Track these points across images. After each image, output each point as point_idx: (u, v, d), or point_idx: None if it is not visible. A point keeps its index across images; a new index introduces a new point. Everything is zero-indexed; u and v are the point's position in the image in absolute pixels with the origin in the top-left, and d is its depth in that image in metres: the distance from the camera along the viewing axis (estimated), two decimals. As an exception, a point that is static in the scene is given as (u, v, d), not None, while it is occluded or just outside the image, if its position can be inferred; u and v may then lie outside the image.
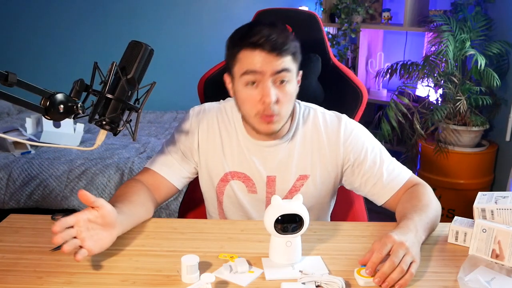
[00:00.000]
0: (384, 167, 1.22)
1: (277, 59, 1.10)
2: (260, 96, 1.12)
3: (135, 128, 1.02)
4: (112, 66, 0.96)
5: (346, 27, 3.17)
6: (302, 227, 0.97)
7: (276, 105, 1.12)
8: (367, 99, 1.49)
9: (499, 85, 2.55)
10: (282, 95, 1.13)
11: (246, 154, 1.25)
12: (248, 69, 1.11)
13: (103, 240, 0.98)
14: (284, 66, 1.11)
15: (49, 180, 2.39)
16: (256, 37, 1.09)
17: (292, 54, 1.13)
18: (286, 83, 1.13)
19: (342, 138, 1.24)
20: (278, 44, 1.09)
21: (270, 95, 1.10)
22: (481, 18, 2.73)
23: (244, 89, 1.14)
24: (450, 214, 2.72)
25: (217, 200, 1.32)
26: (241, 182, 1.27)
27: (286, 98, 1.14)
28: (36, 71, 3.78)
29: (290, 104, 1.16)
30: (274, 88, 1.12)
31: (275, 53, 1.09)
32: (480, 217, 1.07)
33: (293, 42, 1.13)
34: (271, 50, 1.09)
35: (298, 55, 1.16)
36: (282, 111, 1.14)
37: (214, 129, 1.27)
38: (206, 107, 1.31)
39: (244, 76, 1.12)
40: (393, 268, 0.89)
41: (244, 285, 0.92)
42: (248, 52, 1.11)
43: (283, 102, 1.14)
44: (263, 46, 1.09)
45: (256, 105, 1.13)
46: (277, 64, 1.10)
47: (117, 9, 3.76)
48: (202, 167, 1.29)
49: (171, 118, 3.54)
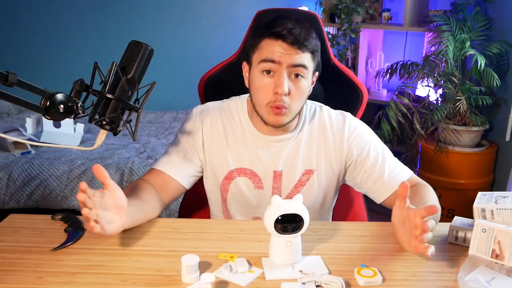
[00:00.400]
0: (386, 165, 1.24)
1: (297, 52, 1.13)
2: (274, 86, 1.14)
3: (135, 128, 1.02)
4: (112, 66, 0.96)
5: (346, 27, 3.17)
6: (302, 227, 0.97)
7: (287, 97, 1.15)
8: (367, 99, 1.49)
9: (499, 85, 2.55)
10: (295, 89, 1.15)
11: (253, 149, 1.26)
12: (267, 57, 1.14)
13: (115, 223, 0.99)
14: (302, 62, 1.14)
15: (49, 180, 2.39)
16: (280, 27, 1.12)
17: (312, 52, 1.15)
18: (301, 78, 1.16)
19: (346, 135, 1.26)
20: (300, 39, 1.12)
21: (283, 86, 1.13)
22: (481, 18, 2.73)
23: (259, 76, 1.17)
24: (450, 214, 2.72)
25: (221, 198, 1.32)
26: (247, 179, 1.27)
27: (298, 93, 1.16)
28: (36, 71, 3.78)
29: (301, 100, 1.18)
30: (288, 80, 1.14)
31: (296, 46, 1.12)
32: (480, 217, 1.07)
33: (314, 40, 1.16)
34: (293, 43, 1.12)
35: (317, 55, 1.18)
36: (292, 105, 1.17)
37: (218, 127, 1.28)
38: (209, 106, 1.32)
39: (261, 64, 1.15)
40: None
41: (244, 285, 0.92)
42: (270, 41, 1.14)
43: (294, 96, 1.16)
44: (285, 37, 1.12)
45: (268, 94, 1.16)
46: (296, 58, 1.13)
47: (117, 9, 3.76)
48: (207, 166, 1.30)
49: (171, 118, 3.54)
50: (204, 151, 1.29)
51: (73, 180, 2.40)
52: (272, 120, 1.19)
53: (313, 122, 1.29)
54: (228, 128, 1.28)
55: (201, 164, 1.30)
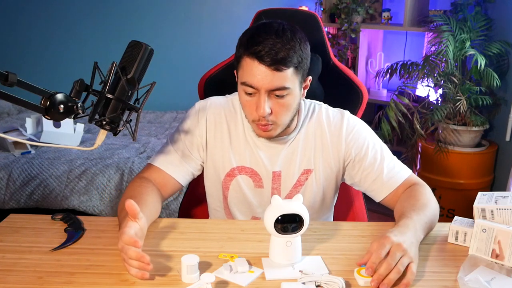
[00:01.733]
0: (384, 164, 1.23)
1: (275, 74, 1.09)
2: (256, 107, 1.13)
3: (135, 128, 1.02)
4: (112, 66, 0.96)
5: (346, 27, 3.17)
6: (302, 227, 0.97)
7: (271, 115, 1.14)
8: (367, 99, 1.49)
9: (499, 85, 2.55)
10: (278, 106, 1.14)
11: (253, 149, 1.26)
12: (246, 81, 1.12)
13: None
14: (281, 84, 1.10)
15: (49, 180, 2.39)
16: (258, 47, 1.08)
17: (295, 66, 1.11)
18: (284, 97, 1.13)
19: (344, 133, 1.25)
20: (278, 59, 1.07)
21: (264, 109, 1.11)
22: (481, 18, 2.73)
23: (243, 95, 1.16)
24: (450, 214, 2.72)
25: (222, 195, 1.32)
26: (248, 177, 1.27)
27: (282, 109, 1.14)
28: (36, 71, 3.78)
29: (287, 113, 1.16)
30: (269, 100, 1.12)
31: (273, 67, 1.08)
32: (480, 217, 1.07)
33: (298, 51, 1.11)
34: (271, 64, 1.08)
35: (303, 64, 1.14)
36: (278, 121, 1.16)
37: (222, 123, 1.28)
38: (212, 101, 1.31)
39: (242, 86, 1.14)
40: (389, 270, 0.90)
41: (244, 285, 0.92)
42: (249, 61, 1.10)
43: (279, 113, 1.14)
44: (263, 58, 1.08)
45: (252, 112, 1.15)
46: (274, 80, 1.09)
47: (117, 9, 3.76)
48: (208, 162, 1.29)
49: (171, 118, 3.54)
50: (207, 148, 1.28)
51: (73, 180, 2.40)
52: (261, 134, 1.20)
53: (311, 121, 1.28)
54: (232, 124, 1.28)
55: (201, 161, 1.30)
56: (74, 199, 2.37)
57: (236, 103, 1.30)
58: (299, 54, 1.11)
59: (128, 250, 0.91)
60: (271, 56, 1.07)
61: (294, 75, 1.12)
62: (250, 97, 1.14)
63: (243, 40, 1.13)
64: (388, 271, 0.90)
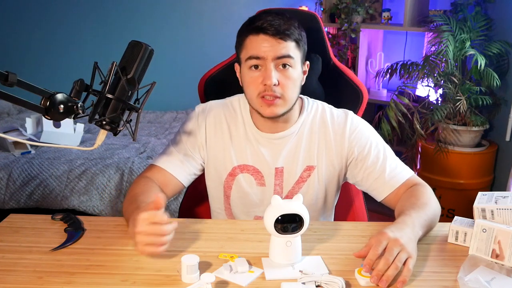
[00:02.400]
0: (387, 163, 1.24)
1: (279, 43, 1.15)
2: (262, 78, 1.16)
3: (135, 128, 1.02)
4: (112, 66, 0.96)
5: (346, 27, 3.17)
6: (302, 227, 0.97)
7: (278, 87, 1.16)
8: (367, 100, 1.49)
9: (499, 85, 2.55)
10: (284, 78, 1.17)
11: (255, 146, 1.27)
12: (252, 54, 1.17)
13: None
14: (286, 52, 1.16)
15: (49, 180, 2.39)
16: (260, 21, 1.15)
17: (296, 41, 1.17)
18: (288, 68, 1.17)
19: (347, 132, 1.27)
20: (281, 29, 1.14)
21: (271, 77, 1.15)
22: (481, 18, 2.73)
23: (248, 72, 1.19)
24: (450, 214, 2.72)
25: (224, 195, 1.32)
26: (249, 175, 1.28)
27: (288, 82, 1.17)
28: (36, 71, 3.78)
29: (293, 88, 1.19)
30: (276, 71, 1.16)
31: (278, 37, 1.14)
32: (480, 217, 1.07)
33: (297, 29, 1.18)
34: (274, 34, 1.14)
35: (302, 44, 1.20)
36: (285, 94, 1.18)
37: (222, 123, 1.29)
38: (212, 104, 1.33)
39: (248, 61, 1.18)
40: (387, 266, 0.90)
41: (244, 285, 0.92)
42: (253, 37, 1.17)
43: (285, 85, 1.17)
44: (266, 30, 1.14)
45: (258, 86, 1.17)
46: (279, 49, 1.15)
47: (118, 9, 3.76)
48: (210, 163, 1.30)
49: (171, 118, 3.54)
50: (207, 149, 1.29)
51: (73, 180, 2.40)
52: (266, 111, 1.20)
53: (315, 119, 1.29)
54: (231, 124, 1.29)
55: (202, 162, 1.31)
56: (74, 199, 2.37)
57: (235, 104, 1.31)
58: (298, 32, 1.19)
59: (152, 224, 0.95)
60: (274, 27, 1.15)
61: (296, 49, 1.18)
62: (257, 71, 1.17)
63: (244, 25, 1.21)
64: (386, 266, 0.90)
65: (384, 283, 0.89)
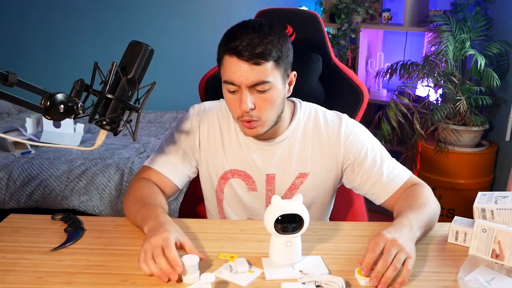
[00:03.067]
0: (384, 167, 1.22)
1: (253, 68, 1.08)
2: (239, 103, 1.13)
3: (135, 128, 1.02)
4: (113, 66, 0.96)
5: (346, 27, 3.17)
6: (302, 227, 0.97)
7: (254, 111, 1.13)
8: (368, 99, 1.49)
9: (499, 85, 2.55)
10: (261, 101, 1.13)
11: (246, 151, 1.26)
12: (227, 79, 1.12)
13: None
14: (262, 78, 1.10)
15: (49, 180, 2.39)
16: (235, 42, 1.08)
17: (275, 60, 1.10)
18: (266, 91, 1.12)
19: (342, 137, 1.24)
20: (255, 53, 1.07)
21: (246, 104, 1.11)
22: (481, 18, 2.73)
23: (226, 93, 1.16)
24: (450, 214, 2.72)
25: (216, 199, 1.32)
26: (241, 180, 1.27)
27: (265, 104, 1.13)
28: (36, 71, 3.78)
29: (272, 109, 1.15)
30: (251, 96, 1.12)
31: (252, 62, 1.08)
32: (480, 217, 1.07)
33: (277, 45, 1.10)
34: (248, 58, 1.08)
35: (283, 59, 1.13)
36: (262, 116, 1.14)
37: (215, 127, 1.28)
38: (206, 106, 1.31)
39: (225, 85, 1.14)
40: (386, 267, 0.90)
41: (244, 285, 0.92)
42: (228, 58, 1.11)
43: (262, 108, 1.13)
44: (241, 54, 1.08)
45: (237, 110, 1.15)
46: (254, 75, 1.09)
47: (118, 9, 3.76)
48: (203, 166, 1.30)
49: (171, 118, 3.54)
50: (200, 151, 1.28)
51: (73, 180, 2.40)
52: (247, 132, 1.19)
53: (308, 124, 1.26)
54: (224, 128, 1.28)
55: (196, 164, 1.30)
56: (74, 199, 2.37)
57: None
58: (278, 48, 1.11)
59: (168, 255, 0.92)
60: (249, 51, 1.07)
61: (274, 69, 1.11)
62: (233, 94, 1.14)
63: (222, 39, 1.13)
64: (385, 267, 0.90)
65: (383, 284, 0.89)
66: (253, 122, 1.15)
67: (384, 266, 0.90)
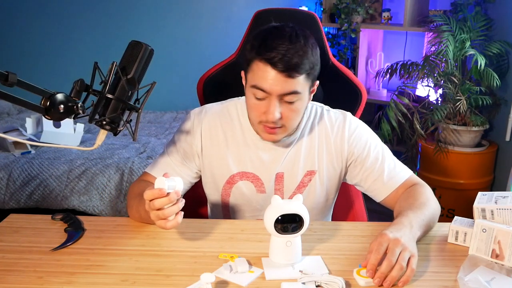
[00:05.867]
0: (385, 164, 1.24)
1: (287, 80, 1.08)
2: (265, 110, 1.12)
3: (135, 128, 1.02)
4: (112, 66, 0.96)
5: (346, 27, 3.17)
6: (302, 227, 0.97)
7: (281, 120, 1.13)
8: (366, 99, 1.49)
9: (499, 85, 2.55)
10: (288, 111, 1.13)
11: (255, 152, 1.26)
12: (257, 85, 1.11)
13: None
14: (293, 89, 1.10)
15: (49, 180, 2.39)
16: (272, 53, 1.07)
17: (307, 72, 1.11)
18: (295, 102, 1.13)
19: (347, 134, 1.26)
20: (291, 65, 1.07)
21: (274, 114, 1.11)
22: (481, 18, 2.73)
23: (251, 97, 1.15)
24: (450, 214, 2.72)
25: (222, 203, 1.31)
26: (249, 182, 1.27)
27: (292, 114, 1.14)
28: (36, 71, 3.77)
29: (296, 118, 1.17)
30: (279, 105, 1.12)
31: (286, 73, 1.08)
32: (480, 217, 1.07)
33: (310, 57, 1.10)
34: (283, 70, 1.07)
35: (314, 70, 1.14)
36: (287, 124, 1.16)
37: (218, 130, 1.27)
38: (207, 109, 1.30)
39: (252, 89, 1.13)
40: (390, 267, 0.90)
41: (244, 285, 0.92)
42: (261, 65, 1.09)
43: (288, 117, 1.14)
44: (276, 65, 1.07)
45: (261, 115, 1.14)
46: (286, 86, 1.09)
47: (117, 9, 3.76)
48: (206, 171, 1.29)
49: (171, 118, 3.54)
50: (203, 156, 1.27)
51: (73, 180, 2.40)
52: (266, 137, 1.19)
53: (314, 123, 1.28)
54: (228, 131, 1.27)
55: (198, 170, 1.29)
56: (74, 199, 2.37)
57: (232, 110, 1.28)
58: (311, 60, 1.11)
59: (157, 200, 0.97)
60: (284, 63, 1.07)
61: (305, 81, 1.12)
62: (259, 101, 1.13)
63: (255, 44, 1.11)
64: (389, 268, 0.90)
65: (388, 284, 0.89)
66: (276, 129, 1.15)
67: (388, 266, 0.90)
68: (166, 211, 0.98)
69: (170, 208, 0.99)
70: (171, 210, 0.99)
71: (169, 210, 0.99)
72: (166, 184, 0.97)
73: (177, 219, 1.00)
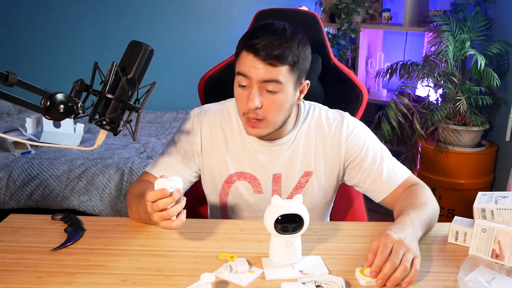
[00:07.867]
0: (384, 165, 1.23)
1: (268, 68, 1.10)
2: (247, 99, 1.13)
3: (135, 128, 1.02)
4: (113, 66, 0.96)
5: (346, 27, 3.17)
6: (302, 227, 0.97)
7: (260, 110, 1.14)
8: (367, 99, 1.49)
9: (499, 85, 2.55)
10: (270, 102, 1.14)
11: (252, 153, 1.26)
12: (240, 71, 1.13)
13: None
14: (273, 77, 1.11)
15: (49, 180, 2.39)
16: (255, 40, 1.10)
17: (291, 65, 1.12)
18: (276, 93, 1.13)
19: (344, 135, 1.25)
20: (273, 54, 1.09)
21: (253, 100, 1.12)
22: (481, 18, 2.73)
23: (236, 87, 1.17)
24: (450, 214, 2.72)
25: (220, 203, 1.31)
26: (247, 182, 1.27)
27: (272, 106, 1.14)
28: (36, 71, 3.78)
29: (279, 112, 1.16)
30: (260, 94, 1.13)
31: (267, 62, 1.09)
32: (480, 217, 1.07)
33: (295, 51, 1.12)
34: (264, 58, 1.09)
35: (300, 65, 1.14)
36: (268, 117, 1.15)
37: (217, 130, 1.27)
38: (206, 109, 1.30)
39: (237, 76, 1.15)
40: (394, 269, 0.90)
41: (244, 285, 0.92)
42: (246, 54, 1.12)
43: (269, 109, 1.14)
44: (258, 52, 1.09)
45: (244, 105, 1.15)
46: (267, 73, 1.10)
47: (118, 9, 3.76)
48: (205, 170, 1.29)
49: (171, 118, 3.54)
50: (202, 155, 1.28)
51: (73, 180, 2.40)
52: (249, 131, 1.19)
53: (311, 123, 1.28)
54: (227, 131, 1.27)
55: (198, 169, 1.30)
56: (74, 199, 2.37)
57: (231, 109, 1.29)
58: (296, 54, 1.12)
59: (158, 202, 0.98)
60: (266, 51, 1.09)
61: (288, 74, 1.13)
62: (243, 90, 1.14)
63: (243, 36, 1.15)
64: (392, 269, 0.90)
65: (391, 284, 0.89)
66: (257, 122, 1.15)
67: (391, 268, 0.90)
68: (170, 210, 0.99)
69: (173, 207, 0.99)
70: (174, 209, 0.99)
71: (173, 210, 0.99)
72: (167, 185, 0.97)
73: (182, 218, 1.01)
